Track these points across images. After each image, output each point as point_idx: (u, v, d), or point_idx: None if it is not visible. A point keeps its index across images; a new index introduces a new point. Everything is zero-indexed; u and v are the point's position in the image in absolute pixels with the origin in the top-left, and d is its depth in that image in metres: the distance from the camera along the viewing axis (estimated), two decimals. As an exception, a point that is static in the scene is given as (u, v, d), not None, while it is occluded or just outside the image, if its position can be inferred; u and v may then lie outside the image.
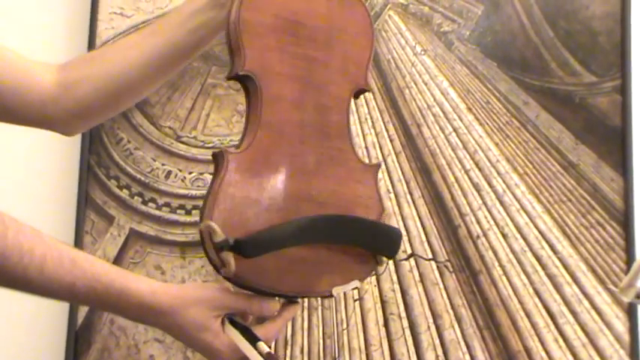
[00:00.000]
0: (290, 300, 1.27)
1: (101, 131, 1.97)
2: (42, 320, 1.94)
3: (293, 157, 1.26)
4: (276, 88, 1.26)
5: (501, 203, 1.97)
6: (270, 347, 1.19)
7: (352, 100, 1.32)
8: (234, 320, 1.21)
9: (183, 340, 1.22)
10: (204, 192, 1.94)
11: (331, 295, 1.25)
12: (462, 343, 1.93)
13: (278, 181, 1.24)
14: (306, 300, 1.91)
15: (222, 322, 1.20)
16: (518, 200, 1.97)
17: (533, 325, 1.94)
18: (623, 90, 1.99)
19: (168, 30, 1.37)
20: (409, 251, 1.95)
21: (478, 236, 1.96)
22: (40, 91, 1.36)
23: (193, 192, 1.97)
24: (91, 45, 1.97)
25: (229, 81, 1.30)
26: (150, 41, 1.38)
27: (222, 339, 1.20)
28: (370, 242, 1.28)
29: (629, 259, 1.93)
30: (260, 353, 1.16)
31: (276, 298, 1.26)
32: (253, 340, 1.18)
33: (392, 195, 1.96)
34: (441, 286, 1.94)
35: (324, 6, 1.30)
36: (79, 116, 1.42)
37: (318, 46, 1.28)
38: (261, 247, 1.20)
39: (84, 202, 1.95)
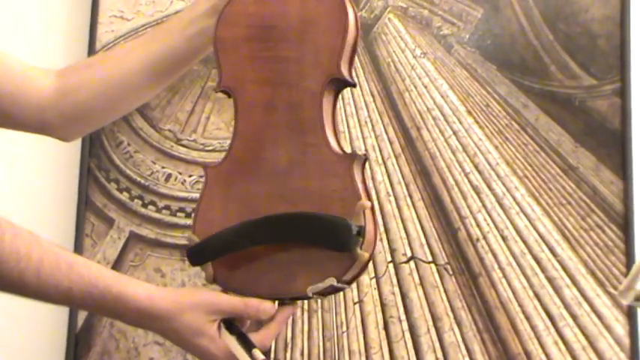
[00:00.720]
0: (283, 302, 1.27)
1: (101, 134, 1.97)
2: (42, 323, 1.94)
3: (266, 161, 1.28)
4: (249, 97, 1.29)
5: (501, 206, 1.97)
6: (269, 351, 1.19)
7: (331, 91, 1.29)
8: (231, 325, 1.21)
9: (180, 345, 1.22)
10: (204, 195, 1.96)
11: (307, 297, 1.23)
12: (462, 346, 1.93)
13: (252, 188, 1.27)
14: (305, 302, 1.91)
15: (219, 327, 1.20)
16: (517, 203, 1.97)
17: (533, 328, 1.94)
18: (623, 93, 1.99)
19: (168, 36, 1.38)
20: (409, 254, 1.96)
21: (478, 239, 1.96)
22: (39, 97, 1.36)
23: (193, 195, 1.97)
24: (91, 48, 1.98)
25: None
26: (149, 47, 1.38)
27: (219, 344, 1.20)
28: (313, 237, 1.23)
29: (629, 262, 1.92)
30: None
31: (275, 303, 1.26)
32: (248, 346, 1.18)
33: (392, 197, 1.96)
34: (441, 288, 1.94)
35: (297, 2, 1.30)
36: (78, 122, 1.42)
37: (290, 44, 1.29)
38: (201, 255, 1.27)
39: (84, 205, 1.95)
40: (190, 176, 1.98)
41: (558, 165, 1.99)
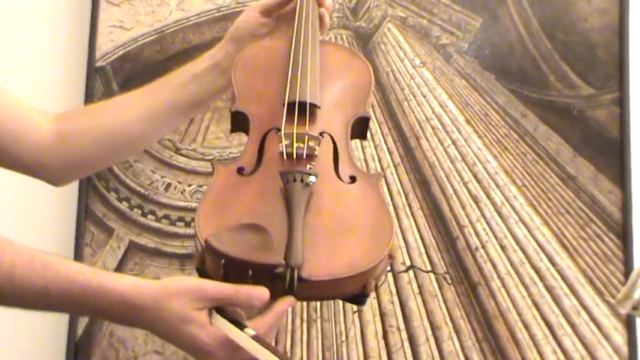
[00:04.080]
0: (286, 292, 1.20)
1: (101, 144, 1.97)
2: (41, 332, 1.94)
3: None
4: None
5: (500, 215, 1.97)
6: None
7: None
8: (223, 311, 1.16)
9: (167, 336, 1.15)
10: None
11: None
12: (461, 355, 1.93)
13: None
14: (305, 312, 1.91)
15: (209, 314, 1.16)
16: (516, 212, 1.97)
17: (532, 337, 1.94)
18: (621, 102, 2.00)
19: (169, 90, 1.41)
20: (408, 263, 1.96)
21: (477, 248, 1.96)
22: (38, 138, 1.37)
23: (193, 204, 1.97)
24: (91, 57, 1.98)
25: None
26: (150, 99, 1.41)
27: (209, 331, 1.13)
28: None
29: (627, 271, 1.93)
30: (248, 336, 1.12)
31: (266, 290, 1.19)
32: (241, 326, 1.13)
33: (390, 207, 1.96)
34: (440, 298, 1.95)
35: None
36: (74, 165, 1.43)
37: None
38: None
39: (83, 215, 1.96)
40: (190, 185, 1.98)
41: (557, 174, 1.99)
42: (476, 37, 2.04)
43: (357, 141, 1.96)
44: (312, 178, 1.19)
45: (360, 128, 1.34)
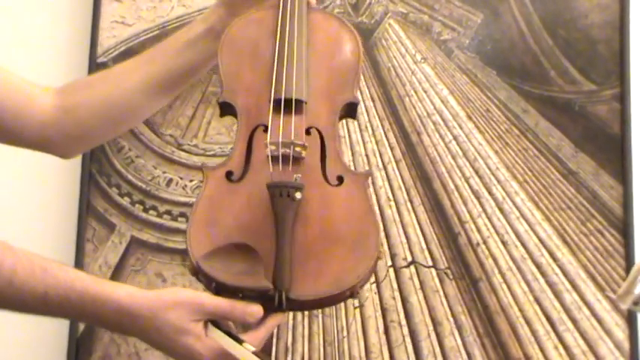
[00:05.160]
0: (276, 309, 1.23)
1: (102, 139, 1.97)
2: (43, 328, 1.94)
3: None
4: None
5: (501, 211, 1.97)
6: (269, 355, 1.17)
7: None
8: (218, 324, 1.18)
9: (163, 346, 1.17)
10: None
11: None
12: (463, 351, 1.93)
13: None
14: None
15: (205, 326, 1.18)
16: (517, 208, 1.97)
17: (534, 333, 1.94)
18: (622, 98, 2.00)
19: (165, 57, 1.41)
20: (409, 259, 1.96)
21: (478, 244, 1.96)
22: (41, 114, 1.38)
23: (194, 200, 1.97)
24: (93, 53, 1.98)
25: None
26: (147, 68, 1.41)
27: (205, 342, 1.16)
28: None
29: (629, 266, 1.93)
30: (249, 351, 1.14)
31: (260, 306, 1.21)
32: (239, 341, 1.16)
33: (392, 202, 1.96)
34: (442, 293, 1.95)
35: None
36: (78, 139, 1.44)
37: None
38: None
39: (85, 210, 1.96)
40: (191, 181, 1.98)
41: (558, 170, 1.99)
42: (477, 33, 2.04)
43: (359, 136, 1.96)
44: (298, 195, 1.22)
45: (349, 111, 1.34)
